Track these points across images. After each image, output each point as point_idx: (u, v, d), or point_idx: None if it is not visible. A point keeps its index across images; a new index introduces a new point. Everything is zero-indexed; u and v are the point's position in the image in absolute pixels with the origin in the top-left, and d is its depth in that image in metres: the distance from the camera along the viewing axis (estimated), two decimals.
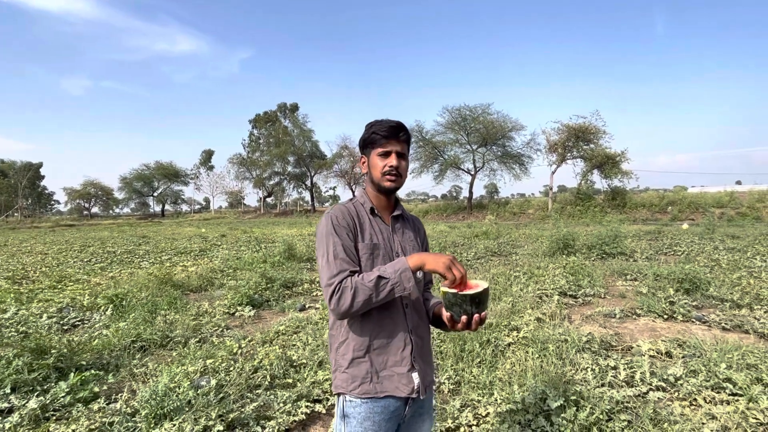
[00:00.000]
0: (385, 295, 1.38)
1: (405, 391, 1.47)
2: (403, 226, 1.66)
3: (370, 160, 1.56)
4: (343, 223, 1.50)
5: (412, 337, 1.52)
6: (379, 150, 1.53)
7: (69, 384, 3.30)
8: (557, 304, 5.57)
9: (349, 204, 1.60)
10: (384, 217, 1.62)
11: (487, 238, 14.75)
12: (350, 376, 1.48)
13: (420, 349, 1.54)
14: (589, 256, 9.77)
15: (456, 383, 3.45)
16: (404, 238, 1.62)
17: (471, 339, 4.13)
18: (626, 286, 6.81)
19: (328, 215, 1.52)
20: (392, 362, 1.49)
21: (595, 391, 3.11)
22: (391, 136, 1.52)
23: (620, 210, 27.90)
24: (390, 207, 1.64)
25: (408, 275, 1.37)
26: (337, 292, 1.38)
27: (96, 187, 63.18)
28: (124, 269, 9.75)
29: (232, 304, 6.04)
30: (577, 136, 30.69)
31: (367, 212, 1.59)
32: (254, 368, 3.67)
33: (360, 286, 1.37)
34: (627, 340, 4.38)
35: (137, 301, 6.01)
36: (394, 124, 1.53)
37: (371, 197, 1.62)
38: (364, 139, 1.56)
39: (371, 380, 1.46)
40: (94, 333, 4.77)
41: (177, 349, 4.33)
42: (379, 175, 1.53)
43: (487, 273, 7.87)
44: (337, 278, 1.40)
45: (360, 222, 1.55)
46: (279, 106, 62.36)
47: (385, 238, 1.57)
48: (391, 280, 1.37)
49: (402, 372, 1.48)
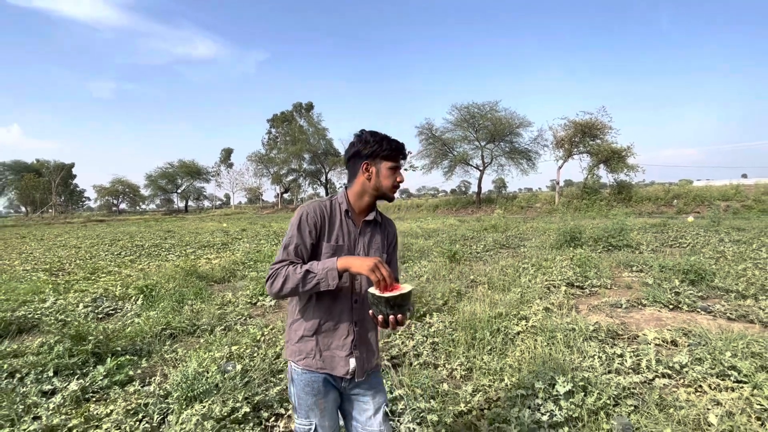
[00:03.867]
0: (311, 287, 1.50)
1: (341, 371, 1.63)
2: (374, 230, 1.72)
3: (380, 169, 1.63)
4: (311, 221, 1.59)
5: (355, 328, 1.65)
6: (391, 164, 1.63)
7: (106, 368, 3.41)
8: (565, 295, 5.54)
9: (326, 202, 1.66)
10: (356, 220, 1.69)
11: (496, 232, 14.67)
12: (297, 349, 1.64)
13: (362, 339, 1.67)
14: (595, 248, 9.67)
15: (468, 369, 3.48)
16: (370, 241, 1.70)
17: (482, 328, 4.14)
18: (632, 278, 6.73)
19: (301, 210, 1.62)
20: (335, 345, 1.64)
21: (602, 377, 3.11)
22: (400, 154, 1.64)
23: (626, 203, 27.46)
24: (366, 211, 1.70)
25: (333, 274, 1.48)
26: (272, 277, 1.52)
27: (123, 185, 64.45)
28: (152, 261, 9.94)
29: (254, 294, 6.14)
30: (584, 131, 30.24)
31: (342, 213, 1.66)
32: (276, 354, 3.75)
33: (291, 275, 1.50)
34: (633, 330, 4.35)
35: (165, 291, 6.14)
36: (401, 144, 1.66)
37: (352, 200, 1.68)
38: (375, 150, 1.61)
39: (314, 356, 1.63)
40: (127, 321, 4.90)
41: (204, 336, 4.43)
42: (390, 186, 1.64)
43: (496, 264, 7.85)
44: (277, 265, 1.54)
45: (330, 222, 1.63)
46: (294, 106, 62.52)
47: (351, 240, 1.66)
48: (317, 276, 1.49)
49: (341, 355, 1.63)
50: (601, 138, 30.30)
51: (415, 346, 3.91)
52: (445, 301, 5.37)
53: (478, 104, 34.31)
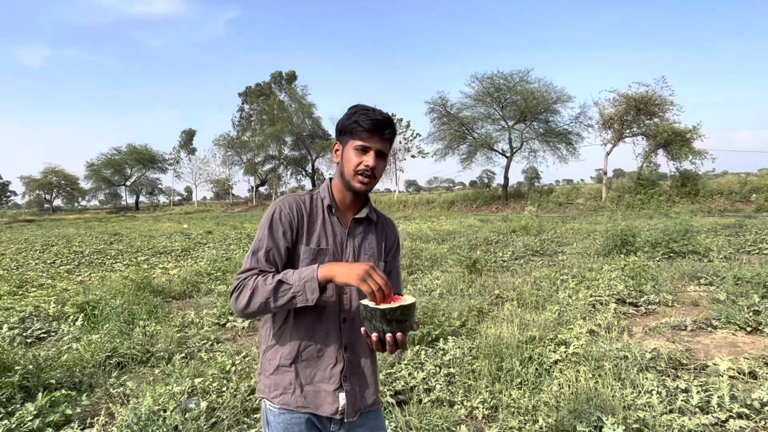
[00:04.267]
0: (285, 302, 1.46)
1: (328, 410, 1.59)
2: (366, 230, 1.70)
3: (345, 151, 1.60)
4: (285, 219, 1.57)
5: (345, 354, 1.61)
6: (357, 143, 1.56)
7: (37, 405, 3.41)
8: (614, 314, 5.54)
9: (305, 197, 1.65)
10: (343, 218, 1.67)
11: (527, 234, 14.68)
12: (272, 383, 1.61)
13: (355, 368, 1.64)
14: (653, 255, 9.65)
15: (492, 408, 3.48)
16: (362, 244, 1.68)
17: (509, 355, 4.15)
18: (699, 292, 6.73)
19: (274, 207, 1.60)
20: (319, 377, 1.60)
21: (662, 418, 3.11)
22: (374, 131, 1.55)
23: (692, 199, 27.44)
24: (355, 206, 1.68)
25: (313, 286, 1.43)
26: (238, 289, 1.50)
27: (58, 176, 64.63)
28: (95, 272, 9.96)
29: (222, 313, 6.15)
30: (638, 108, 30.20)
31: (324, 210, 1.64)
32: (251, 389, 3.74)
33: (260, 287, 1.46)
34: (701, 358, 4.35)
35: (111, 309, 6.15)
36: (381, 118, 1.55)
37: (335, 192, 1.67)
38: (344, 126, 1.59)
39: (293, 392, 1.59)
40: (62, 347, 4.90)
41: (160, 366, 4.43)
42: (351, 173, 1.57)
43: (528, 276, 7.86)
44: (244, 274, 1.52)
45: (310, 221, 1.61)
46: (273, 76, 62.73)
47: (337, 242, 1.63)
48: (293, 288, 1.45)
49: (328, 390, 1.60)
50: (660, 116, 30.29)
51: (426, 378, 3.91)
52: (463, 321, 5.37)
53: (505, 74, 34.37)
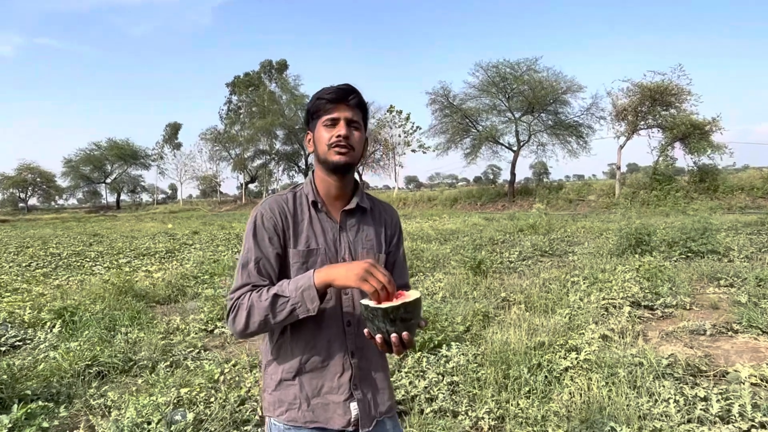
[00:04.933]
0: (285, 316, 1.43)
1: (339, 423, 1.56)
2: (361, 221, 1.66)
3: (315, 133, 1.58)
4: (269, 224, 1.54)
5: (353, 360, 1.58)
6: (325, 118, 1.54)
7: (12, 418, 3.40)
8: (629, 318, 5.55)
9: (287, 195, 1.62)
10: (332, 212, 1.63)
11: (536, 233, 14.70)
12: (276, 399, 1.58)
13: (365, 374, 1.61)
14: (669, 255, 9.68)
15: (498, 419, 3.49)
16: (357, 237, 1.63)
17: (517, 362, 4.15)
18: (719, 294, 6.75)
19: (254, 213, 1.56)
20: (327, 388, 1.57)
21: (679, 428, 3.12)
22: (339, 100, 1.53)
23: (711, 195, 27.51)
24: (344, 197, 1.64)
25: (312, 294, 1.41)
26: (233, 310, 1.47)
27: (33, 173, 64.54)
28: (73, 276, 9.95)
29: (210, 318, 6.14)
30: (654, 98, 30.26)
31: (309, 206, 1.61)
32: (241, 399, 3.75)
33: (256, 305, 1.43)
34: (721, 364, 4.36)
35: (91, 315, 6.14)
36: (343, 86, 1.55)
37: (318, 184, 1.63)
38: (308, 110, 1.59)
39: (299, 407, 1.55)
40: (39, 355, 4.90)
41: (143, 376, 4.44)
42: (326, 149, 1.53)
43: (536, 278, 7.86)
44: (236, 293, 1.48)
45: (296, 221, 1.57)
46: (263, 65, 62.74)
47: (329, 240, 1.59)
48: (291, 300, 1.42)
49: (338, 401, 1.56)
50: (677, 107, 30.36)
51: (428, 387, 3.91)
52: (467, 326, 5.38)
53: (511, 62, 34.47)
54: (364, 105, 1.61)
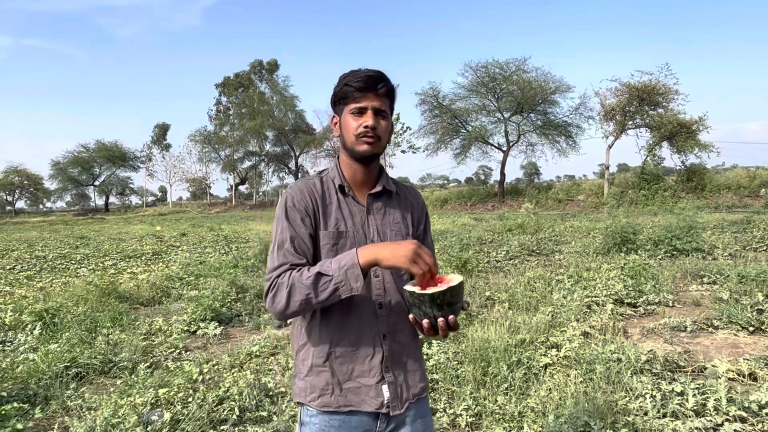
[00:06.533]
0: (328, 295, 1.42)
1: (373, 405, 1.56)
2: (387, 204, 1.67)
3: (342, 119, 1.58)
4: (300, 205, 1.55)
5: (384, 343, 1.58)
6: (352, 106, 1.54)
7: None
8: (611, 315, 5.59)
9: (315, 180, 1.63)
10: (359, 196, 1.64)
11: (524, 233, 14.78)
12: (309, 385, 1.58)
13: (396, 357, 1.61)
14: (655, 253, 9.76)
15: (476, 415, 3.50)
16: (385, 220, 1.64)
17: (497, 359, 4.17)
18: (702, 291, 6.81)
19: (285, 197, 1.58)
20: (358, 372, 1.56)
21: (653, 422, 3.15)
22: (368, 89, 1.52)
23: (698, 194, 27.75)
24: (370, 181, 1.65)
25: (356, 273, 1.40)
26: (272, 289, 1.46)
27: (21, 175, 63.92)
28: (57, 278, 9.89)
29: (193, 319, 6.11)
30: (641, 98, 30.51)
31: (336, 190, 1.62)
32: (219, 399, 3.74)
33: (297, 284, 1.42)
34: (700, 359, 4.39)
35: (73, 317, 6.11)
36: (372, 74, 1.53)
37: (344, 169, 1.64)
38: (336, 94, 1.58)
39: (332, 392, 1.55)
40: (17, 357, 4.87)
41: (122, 377, 4.41)
42: (353, 138, 1.55)
43: (521, 276, 7.90)
44: (275, 272, 1.47)
45: (324, 203, 1.58)
46: (252, 66, 62.49)
47: (357, 223, 1.60)
48: (334, 279, 1.41)
49: (370, 384, 1.56)
50: (665, 107, 30.66)
51: None
52: None
53: (500, 62, 34.61)
54: (392, 92, 1.60)
